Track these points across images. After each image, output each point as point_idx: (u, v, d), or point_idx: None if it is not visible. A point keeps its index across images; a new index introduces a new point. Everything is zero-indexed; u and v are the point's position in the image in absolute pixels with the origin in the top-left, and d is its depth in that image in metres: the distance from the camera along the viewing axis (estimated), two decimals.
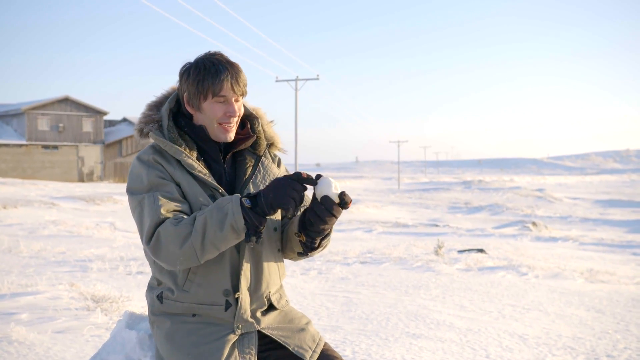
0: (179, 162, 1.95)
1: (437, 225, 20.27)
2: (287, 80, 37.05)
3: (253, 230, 1.79)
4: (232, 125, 1.98)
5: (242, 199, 1.78)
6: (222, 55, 1.99)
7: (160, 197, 1.87)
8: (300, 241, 1.94)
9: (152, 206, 1.86)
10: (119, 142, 50.74)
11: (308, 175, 1.80)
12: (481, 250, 10.95)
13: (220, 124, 1.96)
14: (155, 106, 2.07)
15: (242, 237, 1.80)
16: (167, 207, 1.86)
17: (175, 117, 2.04)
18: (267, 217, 1.85)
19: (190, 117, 2.03)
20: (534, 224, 20.27)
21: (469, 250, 11.09)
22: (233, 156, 2.06)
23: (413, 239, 13.90)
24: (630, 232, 21.20)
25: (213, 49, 2.02)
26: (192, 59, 2.01)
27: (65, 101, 48.47)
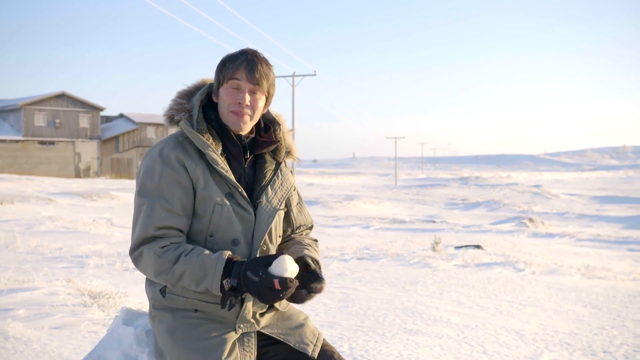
0: (201, 157, 1.93)
1: (434, 222, 20.28)
2: (284, 77, 37.01)
3: (226, 302, 1.83)
4: (243, 112, 1.95)
5: (224, 282, 1.79)
6: (255, 51, 1.99)
7: (158, 208, 1.87)
8: None
9: (147, 218, 1.87)
10: (116, 137, 50.56)
11: (281, 280, 1.75)
12: (478, 247, 10.96)
13: (232, 111, 1.95)
14: (186, 95, 2.05)
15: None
16: (161, 224, 1.86)
17: (204, 109, 2.02)
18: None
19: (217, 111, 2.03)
20: (530, 220, 20.25)
21: (466, 246, 11.09)
22: (254, 159, 2.05)
23: (410, 235, 13.91)
24: (627, 228, 21.19)
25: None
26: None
27: (62, 97, 48.35)
